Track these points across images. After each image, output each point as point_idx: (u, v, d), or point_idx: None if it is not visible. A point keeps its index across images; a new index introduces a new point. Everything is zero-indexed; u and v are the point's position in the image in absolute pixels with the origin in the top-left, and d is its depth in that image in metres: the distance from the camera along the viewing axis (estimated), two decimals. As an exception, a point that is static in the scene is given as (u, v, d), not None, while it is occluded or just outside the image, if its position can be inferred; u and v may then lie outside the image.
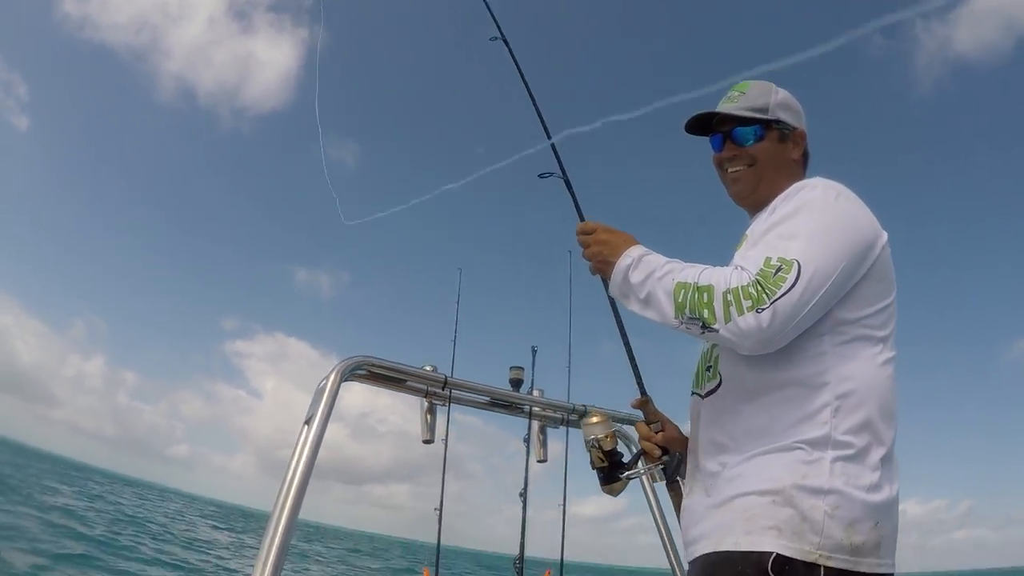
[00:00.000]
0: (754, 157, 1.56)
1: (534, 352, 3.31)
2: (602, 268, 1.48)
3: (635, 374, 1.70)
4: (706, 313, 1.22)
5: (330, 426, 1.50)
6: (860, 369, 1.29)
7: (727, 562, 1.23)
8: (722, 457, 1.34)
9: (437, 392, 1.96)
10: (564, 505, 3.59)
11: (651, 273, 1.34)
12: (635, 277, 1.36)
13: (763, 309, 1.17)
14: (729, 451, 1.32)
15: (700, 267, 1.30)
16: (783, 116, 1.58)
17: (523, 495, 3.01)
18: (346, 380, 1.62)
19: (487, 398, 2.16)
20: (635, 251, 1.40)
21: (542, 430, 2.55)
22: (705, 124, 1.64)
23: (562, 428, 2.55)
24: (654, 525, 2.17)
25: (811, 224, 1.30)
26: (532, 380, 2.59)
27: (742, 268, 1.24)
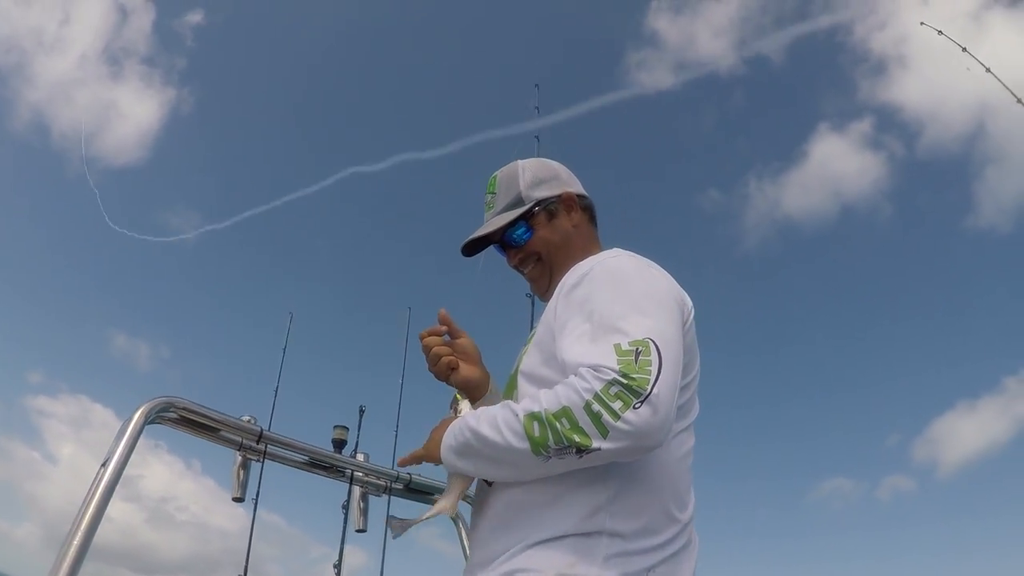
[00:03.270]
0: (536, 252, 1.51)
1: (361, 412, 3.21)
2: (432, 453, 1.29)
3: None
4: (577, 438, 1.03)
5: (126, 506, 1.37)
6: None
7: None
8: (494, 545, 1.22)
9: (252, 446, 1.87)
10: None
11: (486, 417, 1.16)
12: (468, 430, 1.17)
13: (640, 403, 1.02)
14: (503, 539, 1.20)
15: (536, 395, 1.12)
16: (539, 194, 1.52)
17: (337, 567, 2.87)
18: (152, 422, 1.52)
19: (306, 457, 2.08)
20: (454, 425, 1.24)
21: (363, 497, 2.47)
22: (483, 238, 1.56)
23: (384, 496, 2.48)
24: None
25: (638, 295, 1.20)
26: (357, 442, 2.53)
27: (593, 368, 1.06)
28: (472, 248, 1.60)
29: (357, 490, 2.43)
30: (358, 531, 2.57)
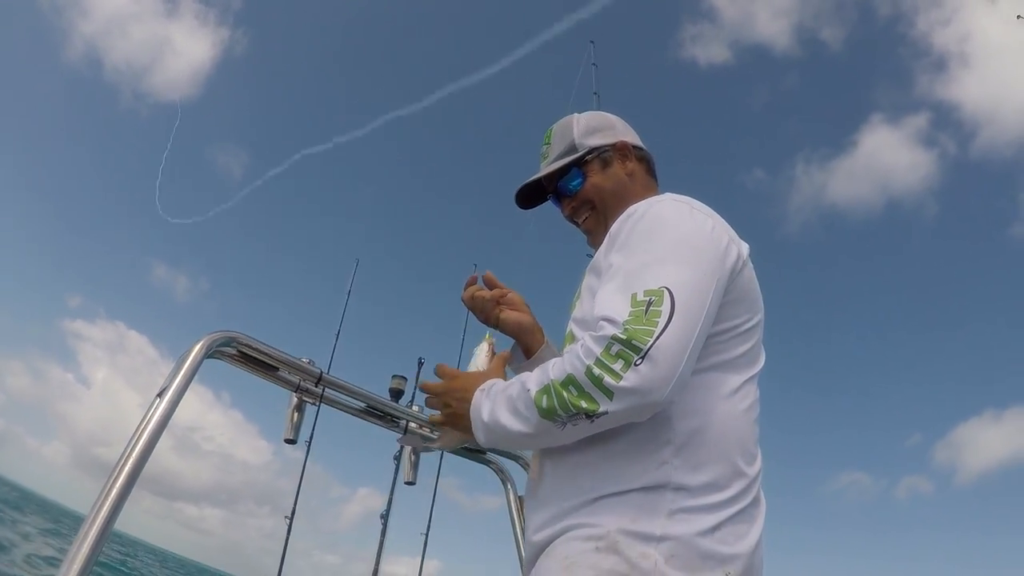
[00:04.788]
0: (590, 199, 1.48)
1: (420, 364, 3.19)
2: (457, 422, 1.28)
3: None
4: (584, 403, 1.02)
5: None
6: (710, 402, 1.16)
7: None
8: (554, 504, 1.18)
9: (310, 388, 1.82)
10: (427, 535, 3.43)
11: (504, 397, 1.16)
12: (487, 413, 1.18)
13: (640, 360, 1.00)
14: (563, 497, 1.17)
15: (547, 364, 1.12)
16: (593, 142, 1.50)
17: (384, 517, 2.85)
18: (211, 356, 1.46)
19: (363, 404, 2.03)
20: (486, 384, 1.24)
21: (414, 450, 2.44)
22: (539, 192, 1.58)
23: (437, 451, 2.44)
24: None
25: (670, 243, 1.16)
26: (413, 394, 2.48)
27: (604, 320, 1.06)
28: (528, 200, 1.59)
29: (409, 442, 2.37)
30: (407, 483, 2.54)
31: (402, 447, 2.45)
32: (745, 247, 1.28)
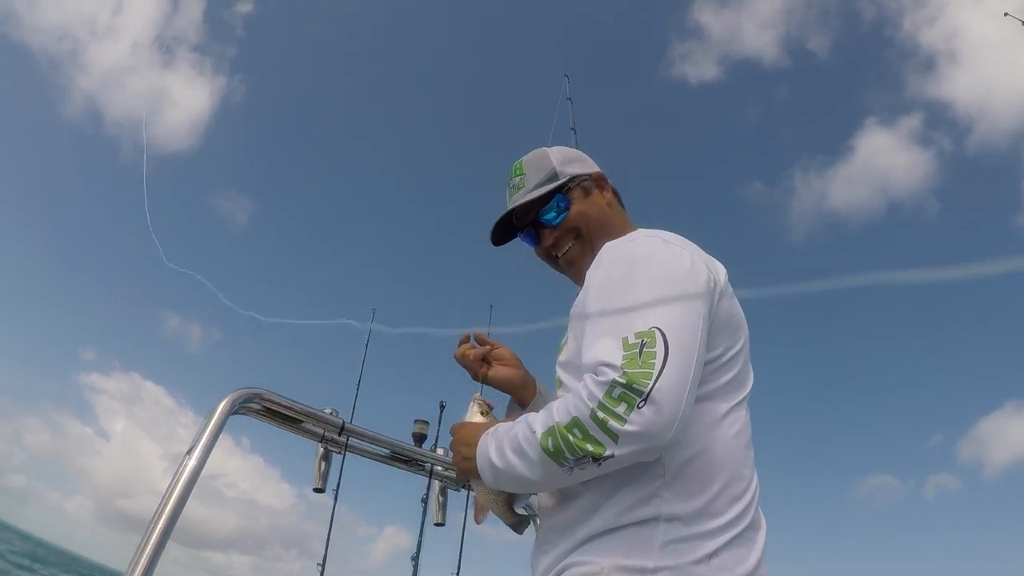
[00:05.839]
0: (575, 227, 1.44)
1: (442, 408, 3.23)
2: (468, 469, 1.26)
3: None
4: (590, 447, 1.02)
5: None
6: (698, 432, 1.15)
7: None
8: (554, 545, 1.21)
9: (334, 438, 1.89)
10: (458, 572, 3.46)
11: (509, 438, 1.16)
12: (495, 455, 1.18)
13: (643, 403, 0.99)
14: (561, 538, 1.20)
15: (551, 405, 1.11)
16: (573, 170, 1.47)
17: (415, 560, 2.89)
18: (236, 412, 1.54)
19: (387, 450, 2.09)
20: (492, 429, 1.24)
21: (442, 491, 2.48)
22: (508, 227, 1.52)
23: (463, 491, 2.48)
24: None
25: (652, 282, 1.14)
26: (437, 437, 2.54)
27: (596, 371, 1.05)
28: (503, 235, 1.54)
29: (436, 484, 2.43)
30: (437, 524, 2.58)
31: (428, 489, 2.50)
32: (723, 273, 1.28)
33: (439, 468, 2.35)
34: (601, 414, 1.01)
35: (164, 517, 1.30)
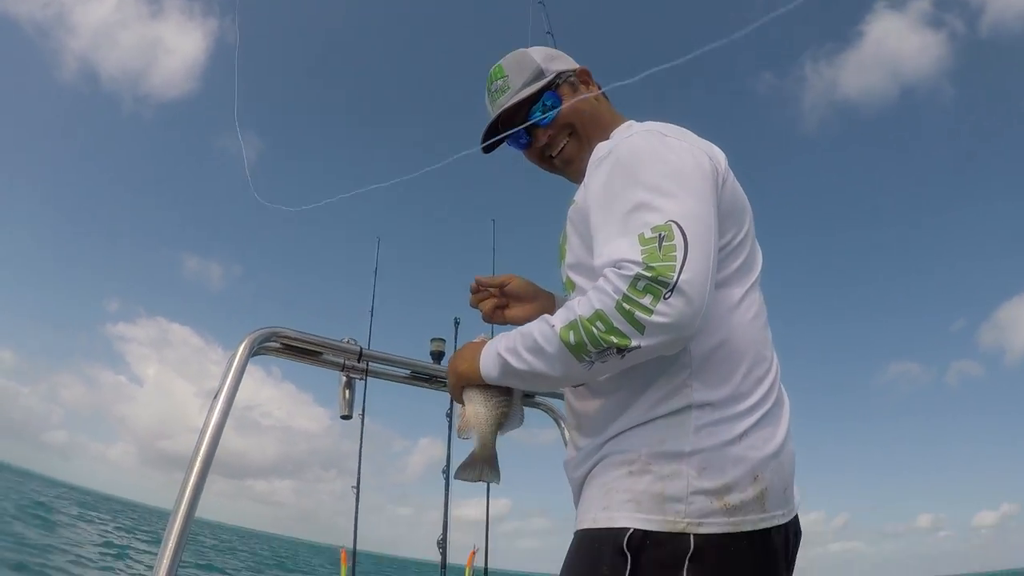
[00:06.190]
0: (569, 123, 1.42)
1: (456, 324, 3.24)
2: (463, 372, 1.28)
3: None
4: (614, 338, 1.02)
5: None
6: (718, 320, 1.16)
7: (587, 541, 1.15)
8: (585, 440, 1.25)
9: (354, 365, 1.91)
10: (488, 493, 3.56)
11: (519, 335, 1.16)
12: (505, 352, 1.18)
13: (669, 294, 1.00)
14: (592, 434, 1.23)
15: (571, 303, 1.10)
16: (558, 67, 1.45)
17: (446, 472, 2.96)
18: (256, 354, 1.55)
19: (407, 371, 2.11)
20: (489, 349, 1.24)
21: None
22: (495, 132, 1.48)
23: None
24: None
25: (657, 176, 1.13)
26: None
27: (617, 266, 1.05)
28: (490, 138, 1.49)
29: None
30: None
31: (452, 403, 2.54)
32: (723, 158, 1.27)
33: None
34: (627, 306, 1.01)
35: (199, 461, 1.33)
